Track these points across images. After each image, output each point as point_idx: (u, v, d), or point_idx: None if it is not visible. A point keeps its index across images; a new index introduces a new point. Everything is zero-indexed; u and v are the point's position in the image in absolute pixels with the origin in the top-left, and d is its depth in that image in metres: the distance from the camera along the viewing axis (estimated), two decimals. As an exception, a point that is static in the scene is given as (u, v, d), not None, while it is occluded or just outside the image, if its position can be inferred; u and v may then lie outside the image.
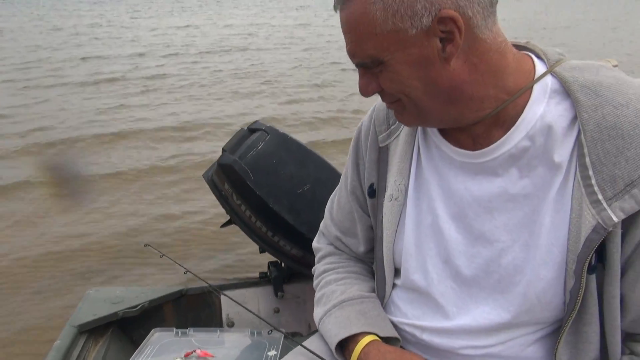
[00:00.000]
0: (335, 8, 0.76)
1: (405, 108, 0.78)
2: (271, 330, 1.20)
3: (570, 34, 16.20)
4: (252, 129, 1.68)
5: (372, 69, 0.75)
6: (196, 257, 3.11)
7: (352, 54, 0.76)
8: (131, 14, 26.88)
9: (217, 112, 6.70)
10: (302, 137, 4.91)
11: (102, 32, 16.66)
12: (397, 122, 0.92)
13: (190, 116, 6.42)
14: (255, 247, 1.83)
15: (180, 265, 1.90)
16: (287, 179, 1.59)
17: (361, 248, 1.05)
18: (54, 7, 33.78)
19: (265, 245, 1.72)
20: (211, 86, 8.41)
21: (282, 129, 1.69)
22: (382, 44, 0.70)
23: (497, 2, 0.73)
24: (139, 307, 1.70)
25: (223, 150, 1.67)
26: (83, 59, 10.90)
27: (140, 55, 11.74)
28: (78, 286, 2.81)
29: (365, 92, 0.79)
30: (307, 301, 1.90)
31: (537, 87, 0.75)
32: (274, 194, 1.57)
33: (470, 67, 0.72)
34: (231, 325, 1.88)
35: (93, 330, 1.63)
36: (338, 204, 1.08)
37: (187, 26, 19.75)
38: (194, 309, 1.89)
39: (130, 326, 1.75)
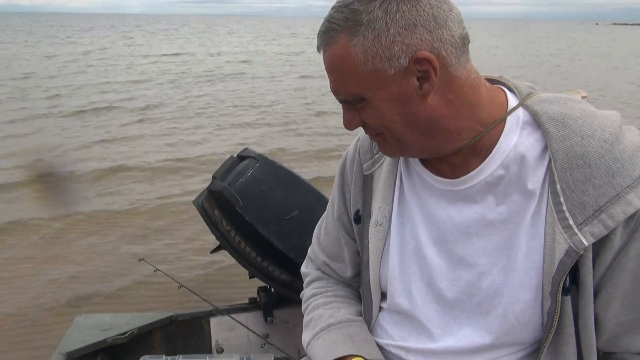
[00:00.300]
0: (318, 49, 0.81)
1: (387, 140, 0.83)
2: (261, 356, 1.21)
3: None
4: (241, 156, 1.71)
5: (354, 105, 0.80)
6: (186, 283, 3.10)
7: (335, 92, 0.80)
8: (125, 42, 27.01)
9: (214, 145, 6.59)
10: (306, 170, 4.91)
11: (95, 60, 16.78)
12: (380, 153, 0.96)
13: (187, 148, 6.33)
14: (244, 272, 1.85)
15: (174, 280, 1.91)
16: (276, 205, 1.62)
17: (348, 273, 1.08)
18: (47, 35, 33.86)
19: (254, 271, 1.74)
20: (206, 117, 8.40)
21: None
22: (363, 82, 0.75)
23: (469, 42, 0.78)
24: (127, 333, 1.70)
25: (213, 177, 1.71)
26: (78, 87, 10.93)
27: (135, 82, 11.81)
28: (67, 314, 2.79)
29: (349, 126, 0.83)
30: (296, 326, 1.90)
31: (510, 119, 0.81)
32: (263, 220, 1.60)
33: (446, 102, 0.77)
34: (220, 351, 1.88)
35: (81, 358, 1.62)
36: (325, 230, 1.11)
37: (179, 54, 19.94)
38: (183, 335, 1.89)
39: (119, 353, 1.74)
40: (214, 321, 1.91)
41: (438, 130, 0.78)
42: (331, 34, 0.75)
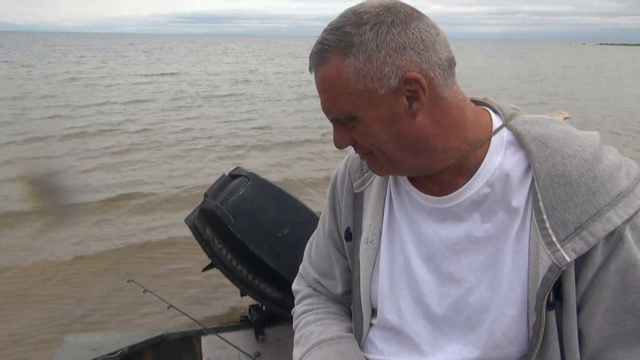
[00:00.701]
0: (310, 70, 0.83)
1: (377, 160, 0.85)
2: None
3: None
4: (233, 175, 1.73)
5: (345, 124, 0.83)
6: (177, 301, 3.08)
7: (327, 111, 0.82)
8: (121, 60, 26.89)
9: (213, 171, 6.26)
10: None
11: (91, 81, 16.57)
12: (370, 171, 0.98)
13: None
14: (236, 290, 1.85)
15: (164, 300, 1.90)
16: (268, 223, 1.63)
17: (339, 289, 1.10)
18: (42, 55, 33.79)
19: (246, 289, 1.74)
20: (203, 144, 7.94)
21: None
22: (354, 102, 0.77)
23: (455, 65, 0.82)
24: (118, 353, 1.69)
25: (205, 195, 1.72)
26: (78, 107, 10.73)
27: (133, 103, 11.62)
28: (56, 333, 2.76)
29: (340, 144, 0.86)
30: (288, 344, 1.90)
31: (494, 139, 0.84)
32: (254, 238, 1.61)
33: (434, 121, 0.80)
34: (212, 370, 1.87)
35: (71, 378, 1.61)
36: (316, 247, 1.13)
37: (176, 73, 19.83)
38: (174, 354, 1.88)
39: None
40: (205, 340, 1.90)
41: (426, 149, 0.81)
42: (323, 54, 0.78)
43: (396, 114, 0.77)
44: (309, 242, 1.17)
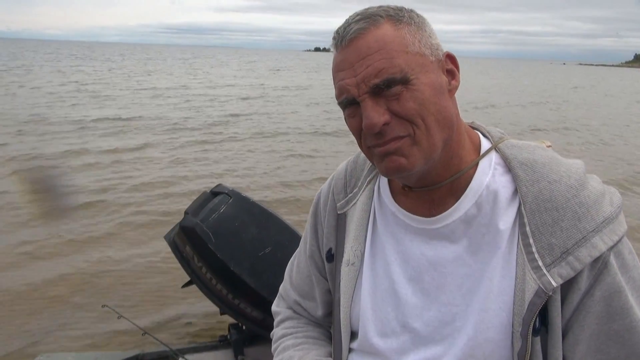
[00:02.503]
0: (344, 40, 0.77)
1: (414, 143, 0.77)
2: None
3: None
4: (215, 192, 1.71)
5: (388, 95, 0.75)
6: (154, 318, 3.02)
7: (375, 74, 0.75)
8: (118, 72, 26.06)
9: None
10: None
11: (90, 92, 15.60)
12: (354, 191, 0.98)
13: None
14: (216, 309, 1.82)
15: (138, 327, 1.85)
16: (249, 242, 1.61)
17: (319, 312, 1.08)
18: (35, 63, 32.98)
19: (225, 308, 1.71)
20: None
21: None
22: (411, 62, 0.76)
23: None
24: None
25: (185, 212, 1.69)
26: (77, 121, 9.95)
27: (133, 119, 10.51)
28: (28, 348, 2.66)
29: (378, 122, 0.75)
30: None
31: (482, 161, 0.84)
32: (235, 257, 1.58)
33: (457, 112, 0.82)
34: (189, 391, 1.83)
35: (41, 400, 1.55)
36: (297, 267, 1.11)
37: (181, 87, 18.87)
38: None
39: None
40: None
41: (450, 142, 0.81)
42: (374, 18, 0.77)
43: (441, 85, 0.78)
44: (290, 261, 1.15)
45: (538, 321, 0.75)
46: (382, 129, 0.77)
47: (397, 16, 0.77)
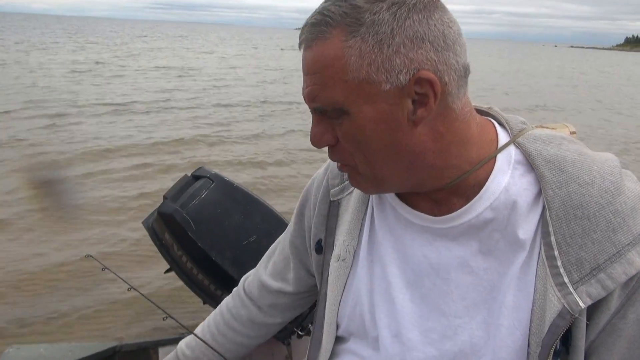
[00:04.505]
0: (300, 44, 0.69)
1: (359, 173, 0.72)
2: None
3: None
4: (196, 176, 1.60)
5: (331, 118, 0.68)
6: (130, 310, 2.91)
7: (312, 98, 0.68)
8: (119, 51, 24.94)
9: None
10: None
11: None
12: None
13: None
14: (197, 298, 1.73)
15: (124, 280, 1.75)
16: (232, 230, 1.51)
17: (289, 289, 1.04)
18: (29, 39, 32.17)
19: (207, 298, 1.62)
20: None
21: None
22: (350, 93, 0.64)
23: (469, 74, 0.69)
24: None
25: (164, 197, 1.58)
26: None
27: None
28: None
29: (317, 141, 0.71)
30: (252, 356, 1.79)
31: (500, 157, 0.72)
32: (217, 246, 1.48)
33: (436, 135, 0.67)
34: (169, 384, 1.74)
35: (9, 396, 1.46)
36: (281, 245, 1.07)
37: (191, 68, 18.01)
38: None
39: None
40: (162, 352, 1.76)
41: (421, 165, 0.69)
42: (323, 28, 0.64)
43: (396, 117, 0.65)
44: (276, 241, 1.11)
45: (559, 343, 0.65)
46: (329, 148, 0.72)
47: (357, 22, 0.62)
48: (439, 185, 0.72)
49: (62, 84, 11.85)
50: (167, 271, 1.90)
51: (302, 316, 1.54)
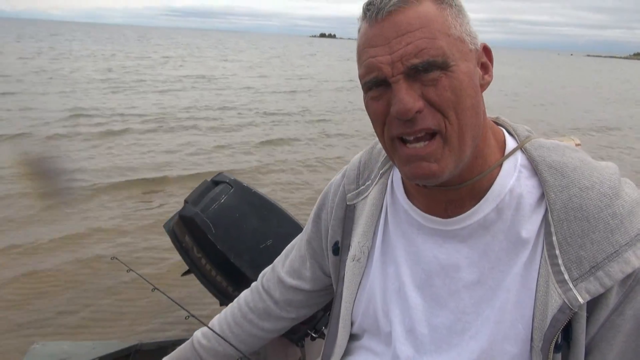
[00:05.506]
0: (389, 8, 0.68)
1: (446, 143, 0.71)
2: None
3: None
4: (215, 181, 1.66)
5: (425, 80, 0.68)
6: (152, 310, 2.99)
7: (414, 53, 0.67)
8: (151, 60, 24.70)
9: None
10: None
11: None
12: (367, 184, 0.92)
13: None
14: (215, 299, 1.78)
15: (147, 281, 1.81)
16: (250, 234, 1.56)
17: (307, 286, 1.08)
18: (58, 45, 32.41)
19: (224, 299, 1.67)
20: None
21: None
22: (452, 46, 0.69)
23: None
24: None
25: (185, 201, 1.65)
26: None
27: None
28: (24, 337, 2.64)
29: (412, 107, 0.68)
30: (267, 357, 1.84)
31: (507, 162, 0.78)
32: (235, 249, 1.54)
33: (482, 110, 0.75)
34: (187, 383, 1.79)
35: (35, 390, 1.52)
36: (298, 245, 1.11)
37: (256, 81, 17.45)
38: None
39: None
40: None
41: (478, 140, 0.75)
42: None
43: (476, 78, 0.72)
44: (292, 242, 1.16)
45: (560, 337, 0.70)
46: (414, 116, 0.68)
47: None
48: (463, 180, 0.77)
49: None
50: (184, 273, 1.96)
51: (316, 318, 1.58)
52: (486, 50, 0.75)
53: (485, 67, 0.75)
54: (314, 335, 1.57)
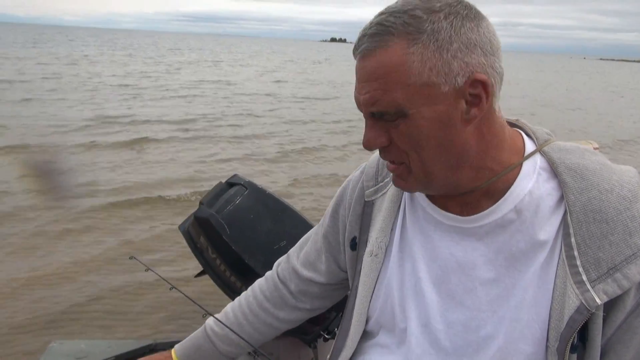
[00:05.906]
0: (358, 54, 0.73)
1: (410, 172, 0.77)
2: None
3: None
4: (230, 183, 1.68)
5: (387, 121, 0.73)
6: (169, 309, 3.03)
7: (371, 103, 0.72)
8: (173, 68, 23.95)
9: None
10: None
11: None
12: (385, 181, 0.94)
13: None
14: (229, 300, 1.80)
15: (166, 280, 1.84)
16: (264, 235, 1.58)
17: (322, 279, 1.08)
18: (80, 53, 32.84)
19: (238, 300, 1.69)
20: None
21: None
22: (411, 96, 0.70)
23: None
24: None
25: (200, 203, 1.67)
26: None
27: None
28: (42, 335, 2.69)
29: (373, 144, 0.76)
30: (280, 358, 1.85)
31: (526, 164, 0.79)
32: (250, 250, 1.56)
33: (480, 135, 0.74)
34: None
35: (54, 387, 1.55)
36: (314, 238, 1.11)
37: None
38: None
39: None
40: None
41: (464, 164, 0.75)
42: (384, 37, 0.70)
43: (451, 117, 0.71)
44: (310, 231, 1.16)
45: (576, 338, 0.71)
46: (381, 148, 0.77)
47: (418, 30, 0.68)
48: (473, 186, 0.78)
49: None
50: (198, 274, 1.99)
51: (329, 319, 1.59)
52: (481, 82, 0.70)
53: (476, 101, 0.71)
54: (326, 336, 1.58)
